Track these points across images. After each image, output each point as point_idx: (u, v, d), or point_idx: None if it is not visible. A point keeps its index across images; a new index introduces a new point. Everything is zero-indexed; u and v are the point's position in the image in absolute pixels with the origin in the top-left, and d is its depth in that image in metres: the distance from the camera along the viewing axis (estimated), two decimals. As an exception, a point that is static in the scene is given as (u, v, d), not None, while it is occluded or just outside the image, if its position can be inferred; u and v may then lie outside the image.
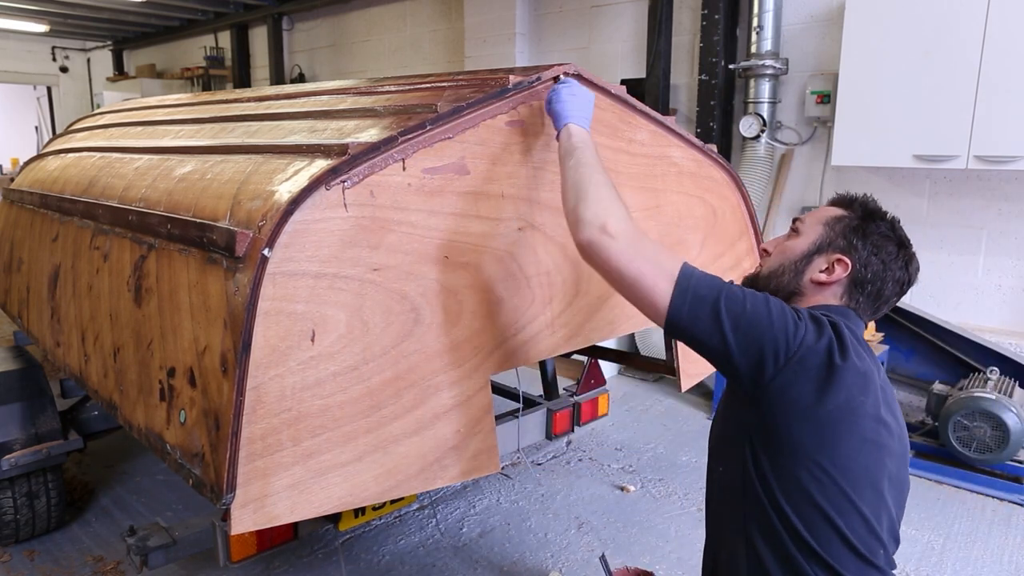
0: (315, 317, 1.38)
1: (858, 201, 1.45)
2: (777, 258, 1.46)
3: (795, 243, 1.44)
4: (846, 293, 1.39)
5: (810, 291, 1.41)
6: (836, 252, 1.39)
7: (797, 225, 1.47)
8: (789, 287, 1.42)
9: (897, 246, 1.40)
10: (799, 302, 1.41)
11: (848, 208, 1.44)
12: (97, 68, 11.89)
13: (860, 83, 3.90)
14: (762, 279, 1.46)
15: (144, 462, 3.73)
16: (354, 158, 1.44)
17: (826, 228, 1.42)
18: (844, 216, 1.42)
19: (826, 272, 1.39)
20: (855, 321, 1.38)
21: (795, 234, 1.46)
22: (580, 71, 1.89)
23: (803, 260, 1.41)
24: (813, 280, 1.40)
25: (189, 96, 3.52)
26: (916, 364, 4.32)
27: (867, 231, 1.39)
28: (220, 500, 1.31)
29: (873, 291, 1.39)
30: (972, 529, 3.23)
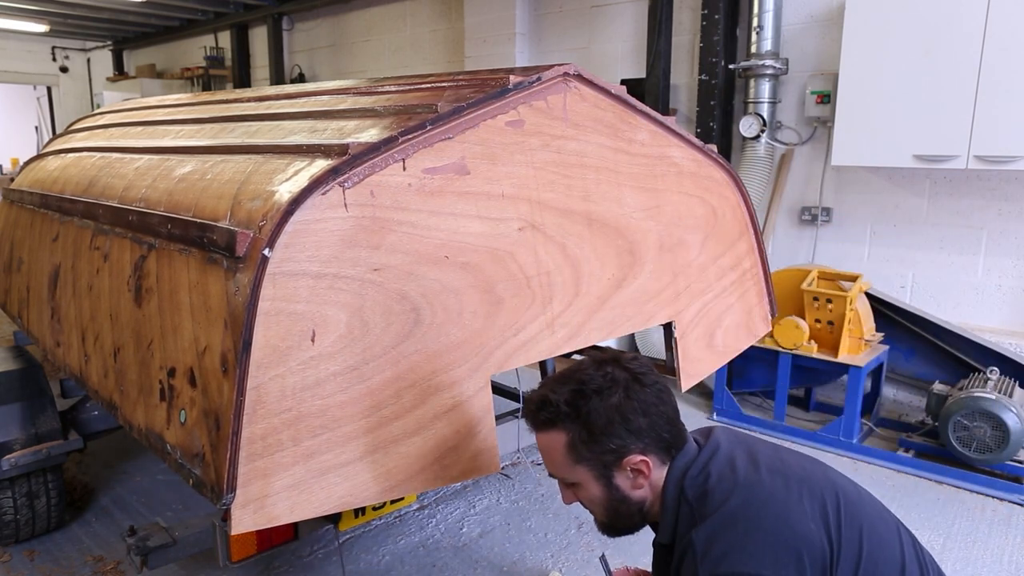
0: (315, 317, 1.38)
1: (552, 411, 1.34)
2: (596, 510, 1.41)
3: (586, 493, 1.38)
4: (658, 459, 1.35)
5: (642, 494, 1.36)
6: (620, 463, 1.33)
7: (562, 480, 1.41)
8: (633, 510, 1.37)
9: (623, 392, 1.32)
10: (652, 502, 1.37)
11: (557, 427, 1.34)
12: (97, 68, 11.89)
13: (860, 83, 3.90)
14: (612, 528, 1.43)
15: (144, 462, 3.73)
16: (354, 158, 1.44)
17: (581, 463, 1.34)
18: (569, 440, 1.33)
19: (639, 477, 1.34)
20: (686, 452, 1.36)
21: (574, 486, 1.39)
22: (580, 71, 1.89)
23: (612, 493, 1.35)
24: (636, 488, 1.35)
25: (189, 96, 3.52)
26: (916, 364, 4.32)
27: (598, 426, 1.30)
28: (220, 500, 1.31)
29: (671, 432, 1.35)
30: (972, 529, 3.23)
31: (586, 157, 1.95)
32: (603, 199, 2.01)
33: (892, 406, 4.46)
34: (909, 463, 3.77)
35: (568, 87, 1.88)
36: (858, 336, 4.00)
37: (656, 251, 2.19)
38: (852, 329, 3.98)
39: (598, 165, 1.99)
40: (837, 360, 3.93)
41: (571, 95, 1.90)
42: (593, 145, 1.97)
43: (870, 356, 3.99)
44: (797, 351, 4.02)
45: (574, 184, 1.92)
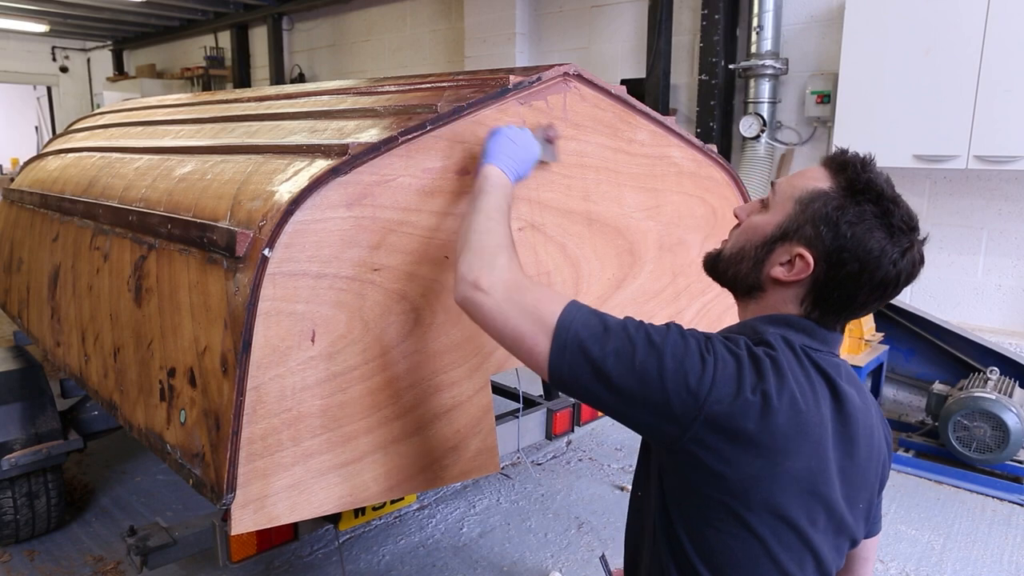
0: (315, 317, 1.38)
1: (850, 167, 1.09)
2: (741, 236, 1.17)
3: (761, 220, 1.14)
4: (807, 297, 1.10)
5: (770, 288, 1.13)
6: (799, 244, 1.08)
7: (771, 195, 1.17)
8: (748, 279, 1.15)
9: (888, 234, 1.04)
10: (760, 300, 1.15)
11: (835, 178, 1.09)
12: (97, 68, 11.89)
13: (860, 83, 3.90)
14: (723, 260, 1.19)
15: (144, 462, 3.73)
16: (354, 158, 1.44)
17: (797, 207, 1.10)
18: (823, 192, 1.08)
19: (786, 267, 1.10)
20: (818, 337, 1.11)
21: (765, 207, 1.16)
22: (580, 71, 1.89)
23: (763, 247, 1.12)
24: (772, 276, 1.11)
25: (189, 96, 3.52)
26: (916, 364, 4.32)
27: (843, 217, 1.05)
28: (220, 500, 1.31)
29: (842, 297, 1.08)
30: (972, 529, 3.23)
31: (586, 157, 1.95)
32: (603, 199, 2.01)
33: (892, 406, 4.46)
34: (909, 463, 3.77)
35: (568, 87, 1.88)
36: (858, 336, 4.00)
37: (656, 251, 2.19)
38: (852, 329, 3.98)
39: (598, 165, 1.99)
40: (837, 360, 3.93)
41: (571, 95, 1.90)
42: (593, 145, 1.97)
43: (870, 356, 3.99)
44: (797, 351, 4.01)
45: (574, 184, 1.92)
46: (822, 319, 1.11)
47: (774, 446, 0.99)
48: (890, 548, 3.06)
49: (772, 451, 0.99)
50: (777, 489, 1.01)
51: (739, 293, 1.19)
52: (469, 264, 1.19)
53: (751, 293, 1.16)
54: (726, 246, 1.20)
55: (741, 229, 1.18)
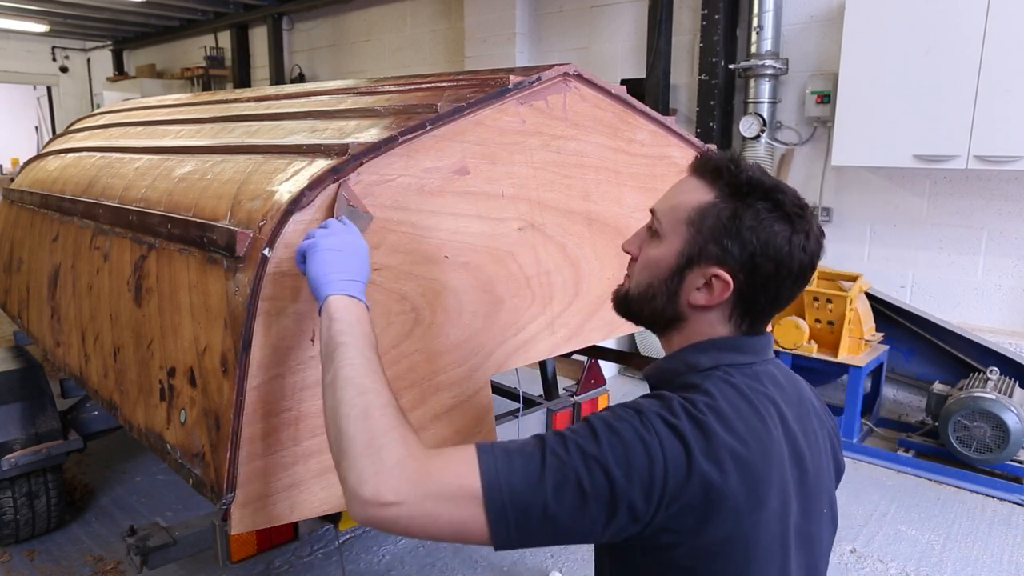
0: (315, 317, 1.38)
1: (724, 171, 1.05)
2: (644, 273, 1.11)
3: (659, 252, 1.09)
4: (735, 312, 1.07)
5: (692, 315, 1.09)
6: (711, 264, 1.03)
7: (655, 223, 1.10)
8: (667, 314, 1.10)
9: (788, 226, 1.02)
10: (684, 329, 1.11)
11: (714, 185, 1.05)
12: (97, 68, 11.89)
13: (860, 83, 3.90)
14: (632, 300, 1.14)
15: (144, 462, 3.73)
16: (354, 158, 1.44)
17: (691, 229, 1.05)
18: (710, 205, 1.04)
19: (704, 292, 1.05)
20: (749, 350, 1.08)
21: (656, 237, 1.10)
22: (580, 71, 1.89)
23: (672, 279, 1.07)
24: (691, 303, 1.07)
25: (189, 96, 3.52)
26: (916, 364, 4.32)
27: (742, 224, 1.01)
28: (220, 500, 1.31)
29: (768, 299, 1.05)
30: (972, 529, 3.23)
31: (586, 157, 1.95)
32: (603, 199, 2.01)
33: (892, 406, 4.46)
34: (909, 463, 3.77)
35: (568, 87, 1.88)
36: (858, 336, 4.00)
37: (656, 251, 2.19)
38: (852, 329, 3.98)
39: (598, 165, 1.99)
40: (837, 360, 3.94)
41: (571, 95, 1.90)
42: (593, 145, 1.97)
43: (870, 356, 3.99)
44: (797, 351, 4.02)
45: (574, 184, 1.92)
46: (752, 327, 1.09)
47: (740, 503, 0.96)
48: (890, 548, 3.06)
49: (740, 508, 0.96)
50: (752, 540, 0.98)
51: (660, 328, 1.14)
52: (359, 474, 0.92)
53: (673, 324, 1.11)
54: (629, 284, 1.15)
55: (641, 265, 1.13)
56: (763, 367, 1.10)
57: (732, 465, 0.95)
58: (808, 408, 1.14)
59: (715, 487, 0.93)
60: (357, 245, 1.25)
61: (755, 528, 0.98)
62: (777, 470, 1.01)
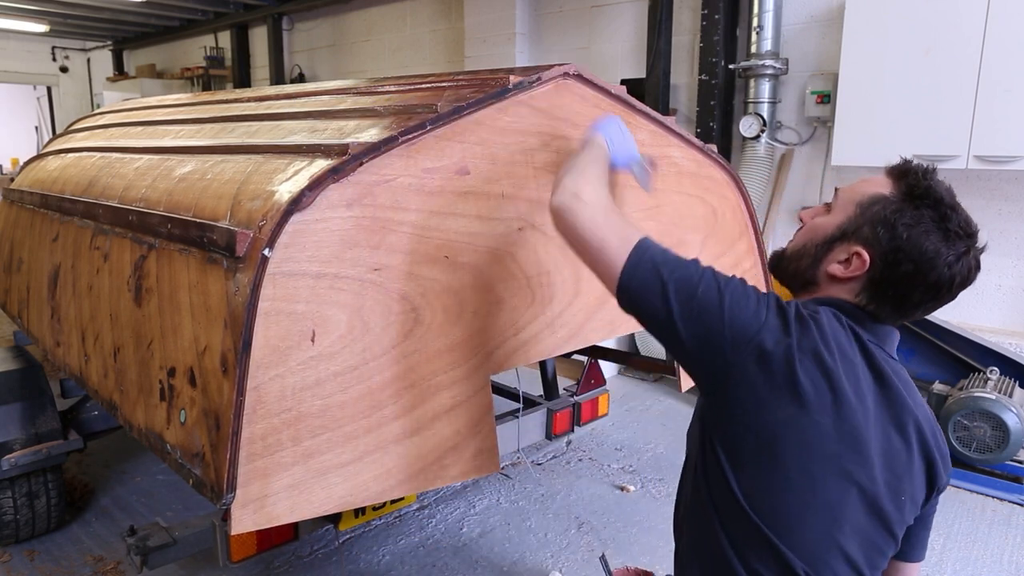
0: (315, 317, 1.38)
1: (910, 174, 1.15)
2: (804, 236, 1.25)
3: (823, 222, 1.22)
4: (863, 292, 1.16)
5: (824, 284, 1.21)
6: (857, 243, 1.15)
7: (833, 199, 1.24)
8: (805, 275, 1.23)
9: (944, 238, 1.10)
10: (812, 293, 1.23)
11: (896, 184, 1.16)
12: (97, 68, 11.89)
13: (860, 83, 3.90)
14: (787, 257, 1.27)
15: (144, 462, 3.73)
16: (354, 158, 1.44)
17: (857, 210, 1.17)
18: (883, 197, 1.15)
19: (843, 265, 1.17)
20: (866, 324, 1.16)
21: (827, 210, 1.24)
22: (580, 71, 1.89)
23: (824, 245, 1.20)
24: (829, 273, 1.19)
25: (189, 96, 3.52)
26: (916, 364, 4.32)
27: (900, 220, 1.11)
28: (220, 500, 1.31)
29: (896, 295, 1.14)
30: (972, 529, 3.23)
31: (586, 157, 1.95)
32: (603, 199, 2.01)
33: (892, 406, 4.46)
34: (909, 463, 3.77)
35: (568, 87, 1.88)
36: (858, 336, 4.00)
37: (656, 251, 2.19)
38: (852, 329, 3.97)
39: (598, 165, 1.99)
40: (837, 360, 3.93)
41: (571, 95, 1.90)
42: (593, 145, 1.97)
43: (870, 356, 3.99)
44: (797, 351, 4.01)
45: (574, 184, 1.92)
46: (875, 314, 1.17)
47: (804, 397, 1.05)
48: (890, 548, 3.06)
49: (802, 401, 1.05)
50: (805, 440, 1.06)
51: (796, 288, 1.27)
52: (574, 179, 1.28)
53: (806, 288, 1.24)
54: (788, 247, 1.29)
55: (804, 229, 1.26)
56: (876, 349, 1.16)
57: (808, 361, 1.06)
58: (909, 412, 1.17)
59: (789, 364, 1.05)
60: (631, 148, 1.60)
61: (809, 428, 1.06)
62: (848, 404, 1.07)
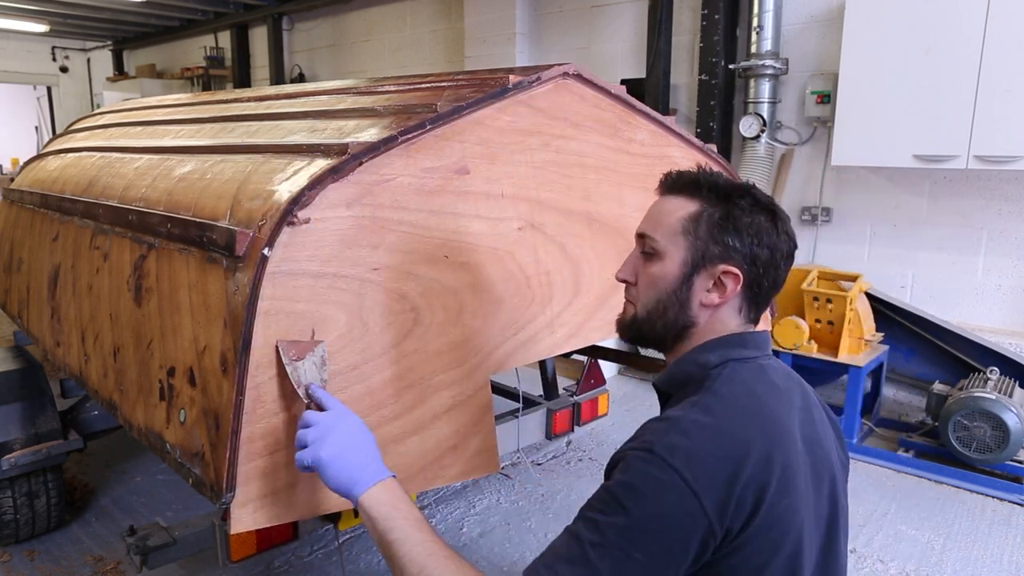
0: (315, 317, 1.38)
1: (702, 182, 1.15)
2: (650, 292, 1.17)
3: (661, 268, 1.15)
4: (744, 303, 1.15)
5: (704, 318, 1.15)
6: (717, 263, 1.12)
7: (650, 243, 1.17)
8: (679, 323, 1.16)
9: (770, 217, 1.14)
10: (695, 334, 1.17)
11: (695, 196, 1.15)
12: (97, 68, 11.89)
13: (860, 83, 3.90)
14: (643, 322, 1.19)
15: (144, 462, 3.73)
16: (354, 157, 1.44)
17: (689, 238, 1.13)
18: (699, 212, 1.13)
19: (716, 291, 1.13)
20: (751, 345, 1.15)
21: (654, 255, 1.17)
22: (580, 71, 1.89)
23: (682, 287, 1.14)
24: (704, 304, 1.14)
25: (189, 96, 3.52)
26: (916, 364, 4.32)
27: (735, 219, 1.12)
28: (220, 499, 1.31)
29: (770, 283, 1.15)
30: (972, 529, 3.23)
31: (586, 157, 1.95)
32: (603, 199, 2.01)
33: (892, 406, 4.46)
34: (909, 463, 3.77)
35: (568, 87, 1.88)
36: (858, 336, 4.00)
37: (656, 251, 2.19)
38: (852, 329, 3.98)
39: (598, 165, 1.99)
40: (837, 360, 3.93)
41: (571, 95, 1.90)
42: (593, 145, 1.97)
43: (870, 356, 3.99)
44: (797, 351, 4.02)
45: (574, 184, 1.92)
46: (756, 316, 1.19)
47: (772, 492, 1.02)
48: (890, 548, 3.06)
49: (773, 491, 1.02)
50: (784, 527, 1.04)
51: (669, 342, 1.20)
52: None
53: (683, 334, 1.18)
54: (635, 308, 1.20)
55: (644, 286, 1.18)
56: (767, 361, 1.17)
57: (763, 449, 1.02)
58: (811, 400, 1.21)
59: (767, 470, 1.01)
60: (348, 427, 1.22)
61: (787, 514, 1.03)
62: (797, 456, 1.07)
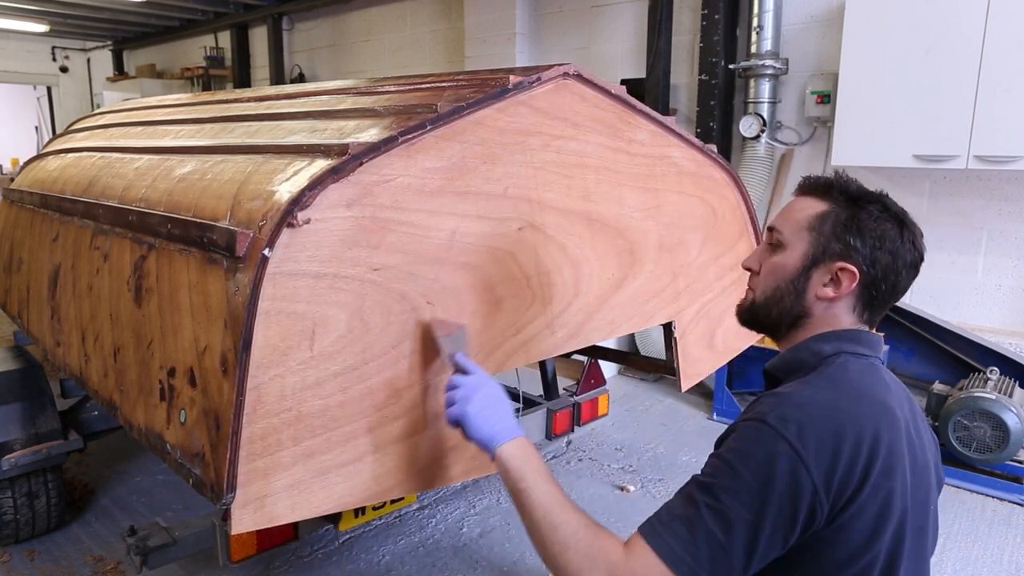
0: (315, 317, 1.38)
1: (835, 186, 1.21)
2: (770, 279, 1.24)
3: (783, 258, 1.22)
4: (859, 302, 1.19)
5: (819, 310, 1.20)
6: (836, 260, 1.17)
7: (777, 236, 1.25)
8: (794, 311, 1.22)
9: (898, 225, 1.17)
10: (807, 325, 1.22)
11: (826, 198, 1.21)
12: (97, 68, 11.89)
13: (860, 83, 3.90)
14: (760, 307, 1.26)
15: (144, 462, 3.73)
16: (354, 158, 1.44)
17: (813, 233, 1.19)
18: (827, 211, 1.20)
19: (832, 286, 1.18)
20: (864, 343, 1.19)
21: (779, 247, 1.24)
22: (580, 71, 1.89)
23: (800, 278, 1.20)
24: (819, 297, 1.19)
25: (189, 96, 3.52)
26: (916, 364, 4.32)
27: (861, 222, 1.17)
28: (220, 500, 1.31)
29: (888, 288, 1.18)
30: (972, 529, 3.23)
31: (586, 157, 1.95)
32: (603, 199, 2.01)
33: (892, 406, 4.45)
34: (909, 463, 3.77)
35: (568, 87, 1.88)
36: (858, 336, 4.00)
37: (656, 251, 2.19)
38: (852, 329, 3.97)
39: (598, 165, 1.99)
40: (837, 360, 3.93)
41: (571, 95, 1.90)
42: (593, 145, 1.97)
43: (870, 356, 3.99)
44: (797, 351, 4.01)
45: (574, 184, 1.92)
46: (871, 319, 1.22)
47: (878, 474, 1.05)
48: (890, 548, 3.06)
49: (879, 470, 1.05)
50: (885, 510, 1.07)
51: (783, 329, 1.25)
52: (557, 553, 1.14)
53: (798, 323, 1.23)
54: (755, 294, 1.27)
55: (765, 274, 1.25)
56: (877, 363, 1.20)
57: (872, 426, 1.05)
58: (916, 409, 1.22)
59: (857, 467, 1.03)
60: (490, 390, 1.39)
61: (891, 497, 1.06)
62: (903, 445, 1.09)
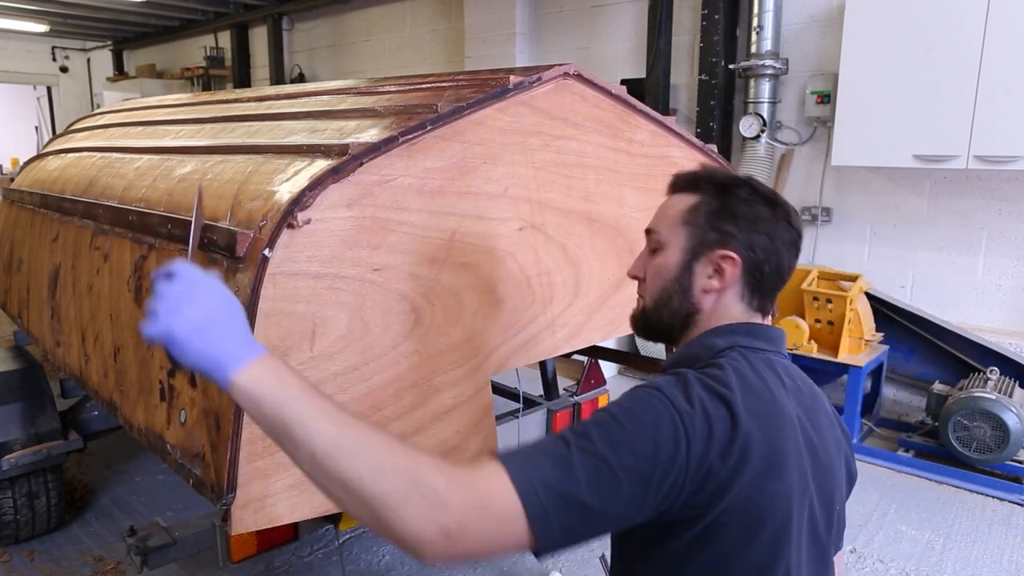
0: (316, 317, 1.38)
1: (702, 177, 1.19)
2: (656, 282, 1.19)
3: (664, 258, 1.18)
4: (746, 289, 1.15)
5: (707, 304, 1.16)
6: (715, 249, 1.14)
7: (655, 237, 1.21)
8: (683, 310, 1.17)
9: (769, 206, 1.15)
10: (701, 322, 1.17)
11: (696, 190, 1.18)
12: (97, 68, 11.89)
13: (860, 83, 3.90)
14: (651, 312, 1.20)
15: (144, 462, 3.73)
16: (354, 158, 1.44)
17: (688, 227, 1.16)
18: (698, 203, 1.17)
19: (716, 277, 1.14)
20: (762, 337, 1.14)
21: (659, 248, 1.20)
22: (580, 71, 1.89)
23: (683, 274, 1.16)
24: (705, 290, 1.15)
25: (189, 96, 3.52)
26: (916, 364, 4.32)
27: (732, 207, 1.14)
28: (220, 500, 1.31)
29: (772, 270, 1.14)
30: (972, 529, 3.23)
31: (586, 157, 1.95)
32: (603, 199, 2.01)
33: (892, 406, 4.46)
34: (909, 463, 3.77)
35: (568, 87, 1.88)
36: (858, 336, 4.00)
37: (656, 251, 2.19)
38: (852, 329, 3.98)
39: (598, 165, 1.99)
40: (837, 360, 3.93)
41: (571, 95, 1.90)
42: (593, 145, 1.97)
43: (870, 356, 3.99)
44: (797, 351, 4.02)
45: (574, 184, 1.92)
46: (762, 305, 1.17)
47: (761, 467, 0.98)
48: (890, 548, 3.06)
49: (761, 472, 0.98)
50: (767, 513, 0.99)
51: (677, 331, 1.20)
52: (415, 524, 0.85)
53: (688, 322, 1.18)
54: (644, 301, 1.22)
55: (650, 278, 1.21)
56: (777, 358, 1.15)
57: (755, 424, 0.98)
58: (820, 406, 1.17)
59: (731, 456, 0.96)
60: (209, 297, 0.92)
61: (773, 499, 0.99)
62: (793, 445, 1.03)
